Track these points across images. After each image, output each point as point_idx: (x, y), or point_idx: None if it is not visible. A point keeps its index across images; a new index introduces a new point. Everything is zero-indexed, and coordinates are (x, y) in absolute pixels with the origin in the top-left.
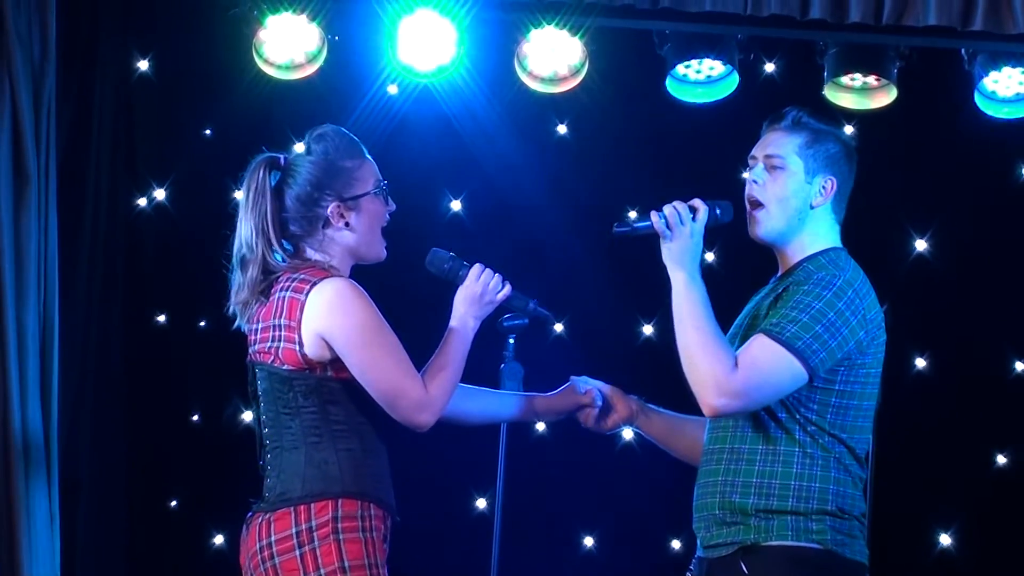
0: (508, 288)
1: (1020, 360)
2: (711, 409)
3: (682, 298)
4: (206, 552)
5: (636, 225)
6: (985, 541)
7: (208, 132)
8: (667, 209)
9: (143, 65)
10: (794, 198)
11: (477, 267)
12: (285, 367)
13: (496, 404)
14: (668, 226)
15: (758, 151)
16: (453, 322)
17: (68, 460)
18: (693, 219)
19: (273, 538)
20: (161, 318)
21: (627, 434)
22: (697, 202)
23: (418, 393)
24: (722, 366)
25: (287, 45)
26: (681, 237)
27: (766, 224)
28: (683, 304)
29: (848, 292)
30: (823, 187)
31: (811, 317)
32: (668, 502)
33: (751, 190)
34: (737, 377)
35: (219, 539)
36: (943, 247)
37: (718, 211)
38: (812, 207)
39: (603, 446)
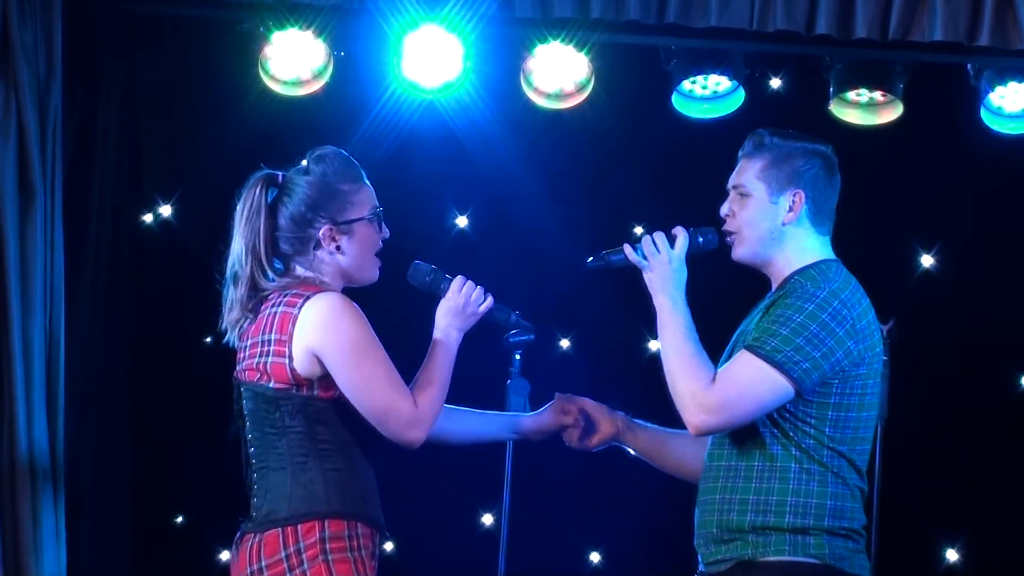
0: (490, 300)
1: None
2: (693, 427)
3: (665, 324)
4: (212, 569)
5: (611, 258)
6: (993, 557)
7: (214, 148)
8: (644, 240)
9: (149, 81)
10: (762, 221)
11: (459, 279)
12: (271, 385)
13: (479, 425)
14: (644, 256)
15: (730, 181)
16: (436, 335)
17: (73, 476)
18: (672, 247)
19: (264, 563)
20: (166, 335)
21: None
22: (678, 229)
23: (408, 410)
24: (699, 383)
25: (293, 61)
26: (659, 266)
27: (739, 249)
28: (666, 329)
29: (833, 303)
30: (791, 203)
31: (791, 330)
32: (676, 517)
33: (725, 224)
34: (714, 392)
35: (225, 556)
36: (949, 263)
37: (700, 239)
38: (784, 224)
39: (610, 460)
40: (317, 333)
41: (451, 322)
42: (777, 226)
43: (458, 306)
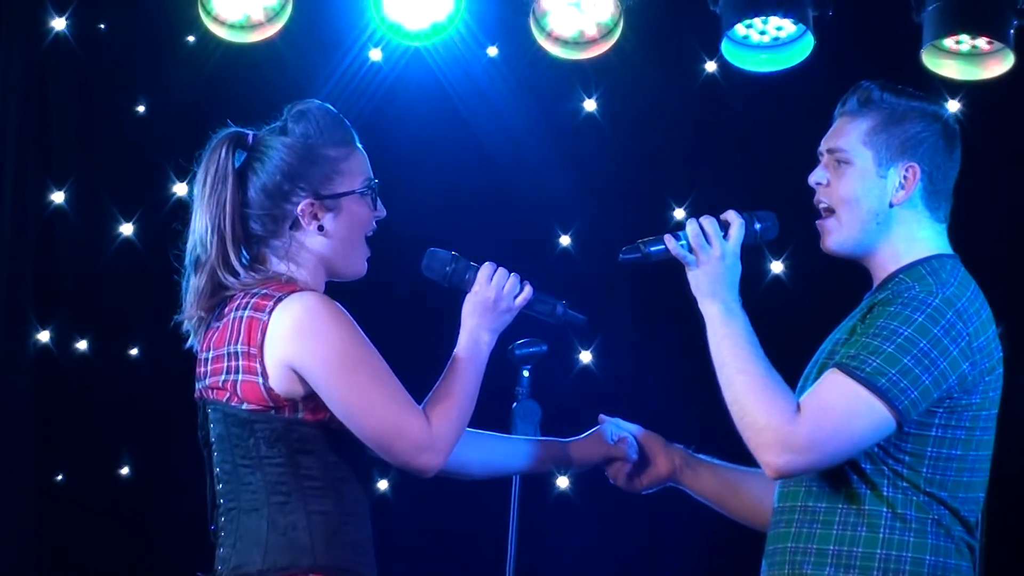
0: (529, 290)
1: None
2: (774, 469)
3: (720, 336)
4: None
5: (648, 249)
6: None
7: (141, 110)
8: (690, 228)
9: (59, 24)
10: (866, 198)
11: (488, 267)
12: (245, 406)
13: (504, 452)
14: (691, 249)
15: (824, 143)
16: (462, 338)
17: None
18: (725, 237)
19: None
20: (81, 345)
21: None
22: (731, 215)
23: (419, 430)
24: (781, 414)
25: None
26: (709, 262)
27: (836, 235)
28: (722, 344)
29: (948, 313)
30: (903, 177)
31: (897, 347)
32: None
33: (817, 194)
34: (802, 427)
35: None
36: None
37: (758, 226)
38: (892, 205)
39: (642, 507)
40: (293, 343)
41: (480, 321)
42: (884, 206)
43: (488, 300)
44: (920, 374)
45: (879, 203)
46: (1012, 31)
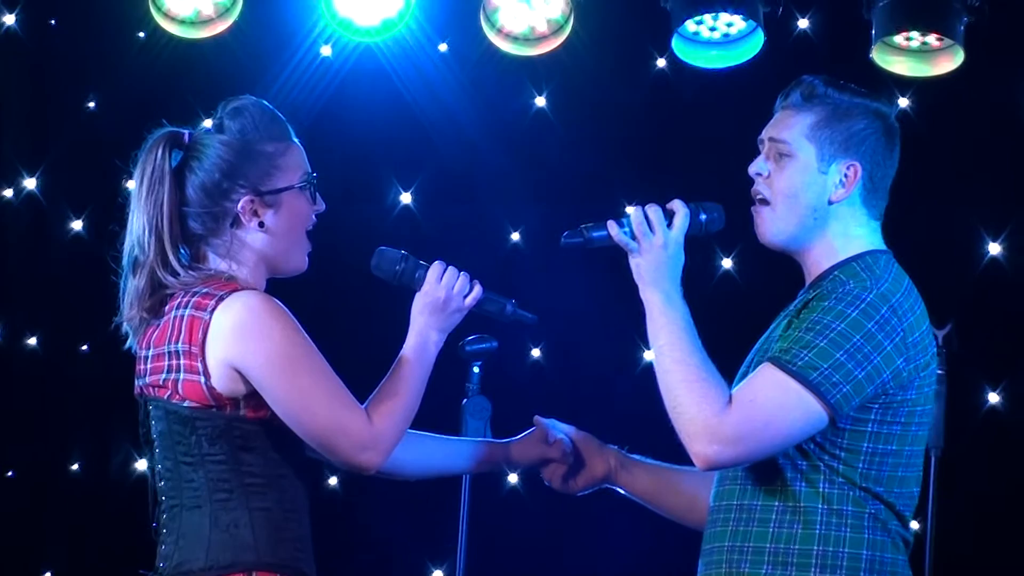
0: (479, 289)
1: None
2: (702, 460)
3: (658, 325)
4: None
5: (591, 235)
6: None
7: (92, 105)
8: (634, 215)
9: (8, 19)
10: (805, 193)
11: (437, 266)
12: (187, 404)
13: (439, 453)
14: (634, 236)
15: (766, 132)
16: (411, 338)
17: None
18: (669, 225)
19: None
20: (32, 341)
21: None
22: (676, 204)
23: (360, 427)
24: (711, 405)
25: None
26: (651, 250)
27: (772, 226)
28: (660, 333)
29: (882, 309)
30: (844, 175)
31: (830, 341)
32: (673, 574)
33: (755, 184)
34: (731, 417)
35: None
36: (1022, 251)
37: (703, 216)
38: (831, 202)
39: (591, 503)
40: (235, 343)
41: (429, 320)
42: (822, 203)
43: (438, 300)
44: (853, 369)
45: (818, 199)
46: (962, 28)
